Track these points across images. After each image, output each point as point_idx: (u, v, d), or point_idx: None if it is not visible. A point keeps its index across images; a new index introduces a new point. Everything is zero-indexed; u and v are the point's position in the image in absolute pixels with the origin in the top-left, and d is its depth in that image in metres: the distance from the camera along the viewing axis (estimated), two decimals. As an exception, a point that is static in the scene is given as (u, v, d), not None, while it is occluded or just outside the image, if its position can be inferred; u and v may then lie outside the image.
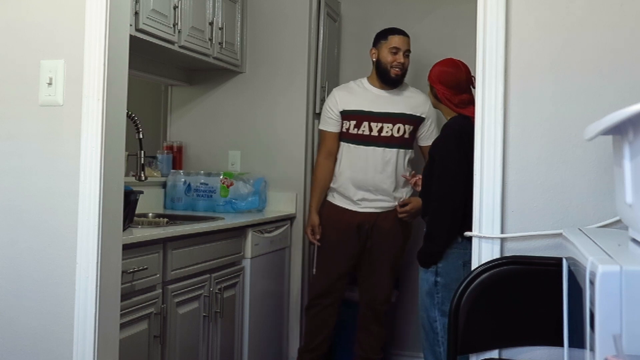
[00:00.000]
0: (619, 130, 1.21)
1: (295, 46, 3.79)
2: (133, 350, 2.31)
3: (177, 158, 3.86)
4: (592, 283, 1.01)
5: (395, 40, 3.36)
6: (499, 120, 1.83)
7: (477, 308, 1.82)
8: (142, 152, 2.68)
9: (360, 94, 3.45)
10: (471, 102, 2.61)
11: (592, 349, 1.02)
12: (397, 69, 3.37)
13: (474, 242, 1.88)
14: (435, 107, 2.94)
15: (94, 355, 1.94)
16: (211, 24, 3.41)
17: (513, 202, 1.84)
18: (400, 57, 3.36)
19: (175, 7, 3.04)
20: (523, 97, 1.84)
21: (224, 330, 2.99)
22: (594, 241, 1.27)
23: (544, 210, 1.82)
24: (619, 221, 1.72)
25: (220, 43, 3.50)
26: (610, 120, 1.11)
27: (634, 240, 1.26)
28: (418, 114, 3.43)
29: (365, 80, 3.51)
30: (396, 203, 3.37)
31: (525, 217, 1.83)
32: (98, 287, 1.94)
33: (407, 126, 3.40)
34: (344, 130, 3.43)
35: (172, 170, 3.72)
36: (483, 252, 1.85)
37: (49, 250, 1.98)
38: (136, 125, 2.64)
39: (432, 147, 2.77)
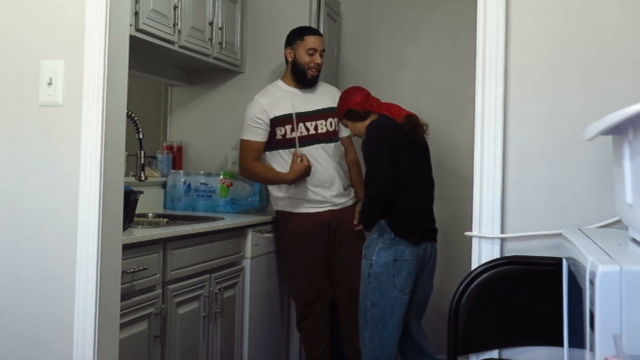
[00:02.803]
0: (619, 130, 1.21)
1: (295, 46, 3.79)
2: (133, 350, 2.31)
3: (177, 158, 3.85)
4: (592, 283, 1.01)
5: (312, 41, 3.32)
6: (499, 120, 1.84)
7: (477, 308, 1.82)
8: (142, 152, 2.68)
9: (284, 97, 3.37)
10: (381, 102, 3.01)
11: (592, 349, 1.02)
12: (313, 70, 3.35)
13: (474, 242, 1.88)
14: (358, 132, 3.03)
15: (94, 355, 1.94)
16: (211, 24, 3.41)
17: (513, 202, 1.84)
18: (317, 58, 3.33)
19: (175, 7, 3.04)
20: (523, 97, 1.84)
21: (224, 330, 2.99)
22: (594, 241, 1.27)
23: (544, 210, 1.82)
24: (619, 221, 1.72)
25: (220, 43, 3.50)
26: (610, 120, 1.11)
27: (634, 240, 1.26)
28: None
29: (281, 82, 3.44)
30: (349, 198, 3.39)
31: (525, 217, 1.83)
32: (98, 287, 1.94)
33: (335, 119, 3.38)
34: (280, 137, 3.32)
35: (172, 170, 3.72)
36: (483, 252, 1.85)
37: (49, 250, 1.98)
38: (136, 125, 2.63)
39: (363, 150, 2.97)
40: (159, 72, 3.68)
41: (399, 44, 4.11)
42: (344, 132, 3.44)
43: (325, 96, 3.43)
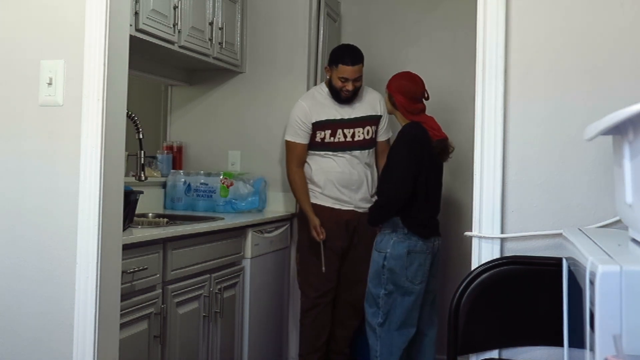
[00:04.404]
0: (619, 130, 1.21)
1: (295, 46, 3.80)
2: (133, 350, 2.31)
3: (177, 158, 3.85)
4: (592, 283, 1.01)
5: (344, 71, 3.40)
6: (499, 120, 1.84)
7: (477, 308, 1.81)
8: (142, 152, 2.68)
9: (326, 103, 3.49)
10: (423, 110, 3.15)
11: (592, 349, 1.02)
12: (347, 93, 3.45)
13: (474, 242, 1.88)
14: (390, 113, 3.25)
15: (94, 356, 1.94)
16: (211, 24, 3.41)
17: (513, 202, 1.84)
18: (349, 86, 3.41)
19: (175, 7, 3.04)
20: (523, 97, 1.84)
21: (224, 330, 2.99)
22: (594, 241, 1.27)
23: (544, 210, 1.82)
24: (619, 221, 1.72)
25: (220, 43, 3.50)
26: (610, 120, 1.11)
27: (634, 240, 1.26)
28: (379, 113, 3.53)
29: (325, 87, 3.53)
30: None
31: (525, 217, 1.83)
32: (98, 287, 1.94)
33: (372, 127, 3.52)
34: (319, 140, 3.46)
35: (172, 170, 3.72)
36: (483, 252, 1.85)
37: (49, 251, 1.98)
38: (136, 125, 2.63)
39: (389, 151, 3.15)
40: (159, 72, 3.68)
41: (399, 44, 4.11)
42: (382, 137, 3.57)
43: (367, 103, 3.53)
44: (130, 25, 2.36)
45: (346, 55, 3.43)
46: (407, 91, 3.09)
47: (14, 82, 2.05)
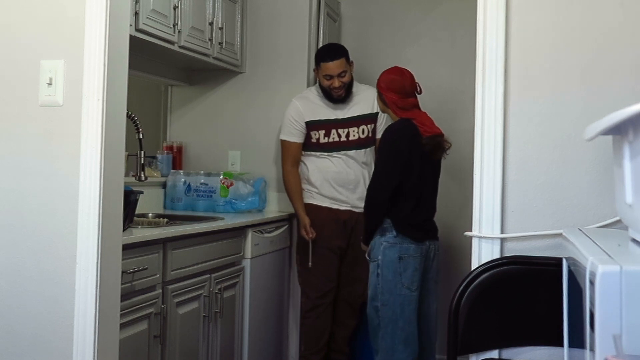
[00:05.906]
0: (619, 130, 1.21)
1: (295, 46, 3.80)
2: (133, 350, 2.31)
3: (177, 158, 3.85)
4: (592, 283, 1.01)
5: (326, 68, 3.41)
6: (499, 120, 1.84)
7: (477, 308, 1.82)
8: (142, 152, 2.68)
9: (320, 103, 3.50)
10: (416, 105, 3.03)
11: (592, 349, 1.02)
12: (336, 91, 3.44)
13: (474, 242, 1.88)
14: (383, 111, 3.17)
15: (94, 355, 1.94)
16: (211, 24, 3.41)
17: (513, 202, 1.84)
18: (335, 82, 3.42)
19: (175, 7, 3.04)
20: (523, 97, 1.84)
21: (224, 330, 2.99)
22: (594, 241, 1.27)
23: (544, 210, 1.82)
24: (619, 221, 1.72)
25: (220, 43, 3.50)
26: (610, 120, 1.11)
27: (634, 240, 1.26)
28: (375, 111, 3.50)
29: (319, 89, 3.53)
30: None
31: (525, 217, 1.83)
32: (98, 287, 1.94)
33: (369, 126, 3.52)
34: (314, 140, 3.48)
35: (172, 170, 3.72)
36: (483, 252, 1.85)
37: (49, 251, 1.98)
38: (136, 125, 2.63)
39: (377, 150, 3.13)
40: (159, 72, 3.68)
41: (399, 44, 4.11)
42: (379, 134, 3.53)
43: (362, 101, 3.52)
44: (130, 25, 2.36)
45: (325, 53, 3.47)
46: (396, 86, 2.98)
47: (14, 82, 2.05)
